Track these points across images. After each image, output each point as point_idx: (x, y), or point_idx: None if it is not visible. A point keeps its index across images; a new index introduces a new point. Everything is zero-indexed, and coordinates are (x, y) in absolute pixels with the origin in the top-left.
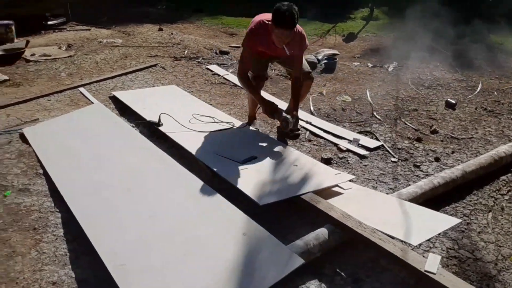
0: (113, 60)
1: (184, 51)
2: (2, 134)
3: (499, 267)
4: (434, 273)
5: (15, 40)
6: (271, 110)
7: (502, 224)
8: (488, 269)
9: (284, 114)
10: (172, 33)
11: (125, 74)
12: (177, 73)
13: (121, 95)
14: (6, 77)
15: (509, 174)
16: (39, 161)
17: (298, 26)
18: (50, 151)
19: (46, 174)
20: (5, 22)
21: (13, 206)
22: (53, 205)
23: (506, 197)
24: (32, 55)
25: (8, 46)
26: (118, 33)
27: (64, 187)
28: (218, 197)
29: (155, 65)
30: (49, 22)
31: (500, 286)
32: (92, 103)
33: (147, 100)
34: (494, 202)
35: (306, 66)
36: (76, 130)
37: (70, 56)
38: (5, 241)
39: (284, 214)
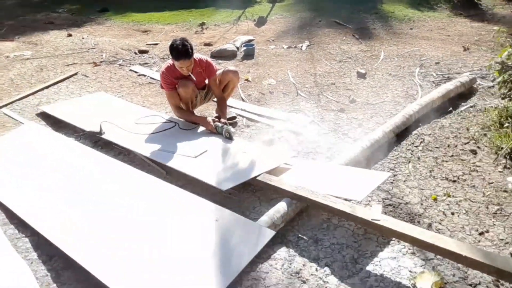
0: (28, 74)
1: (102, 55)
2: None
3: (424, 206)
4: (379, 220)
5: None
6: (212, 128)
7: (420, 171)
8: (416, 209)
9: (221, 125)
10: (83, 38)
11: (47, 87)
12: (101, 79)
13: (51, 110)
14: None
15: (419, 128)
16: None
17: (202, 57)
18: None
19: None
20: None
21: None
22: (16, 231)
23: (420, 148)
24: None
25: None
26: (24, 45)
27: (24, 212)
28: (184, 193)
29: (75, 74)
30: None
31: (427, 220)
32: (22, 123)
33: (79, 111)
34: (412, 154)
35: (232, 67)
36: (14, 153)
37: None
38: None
39: (242, 196)
